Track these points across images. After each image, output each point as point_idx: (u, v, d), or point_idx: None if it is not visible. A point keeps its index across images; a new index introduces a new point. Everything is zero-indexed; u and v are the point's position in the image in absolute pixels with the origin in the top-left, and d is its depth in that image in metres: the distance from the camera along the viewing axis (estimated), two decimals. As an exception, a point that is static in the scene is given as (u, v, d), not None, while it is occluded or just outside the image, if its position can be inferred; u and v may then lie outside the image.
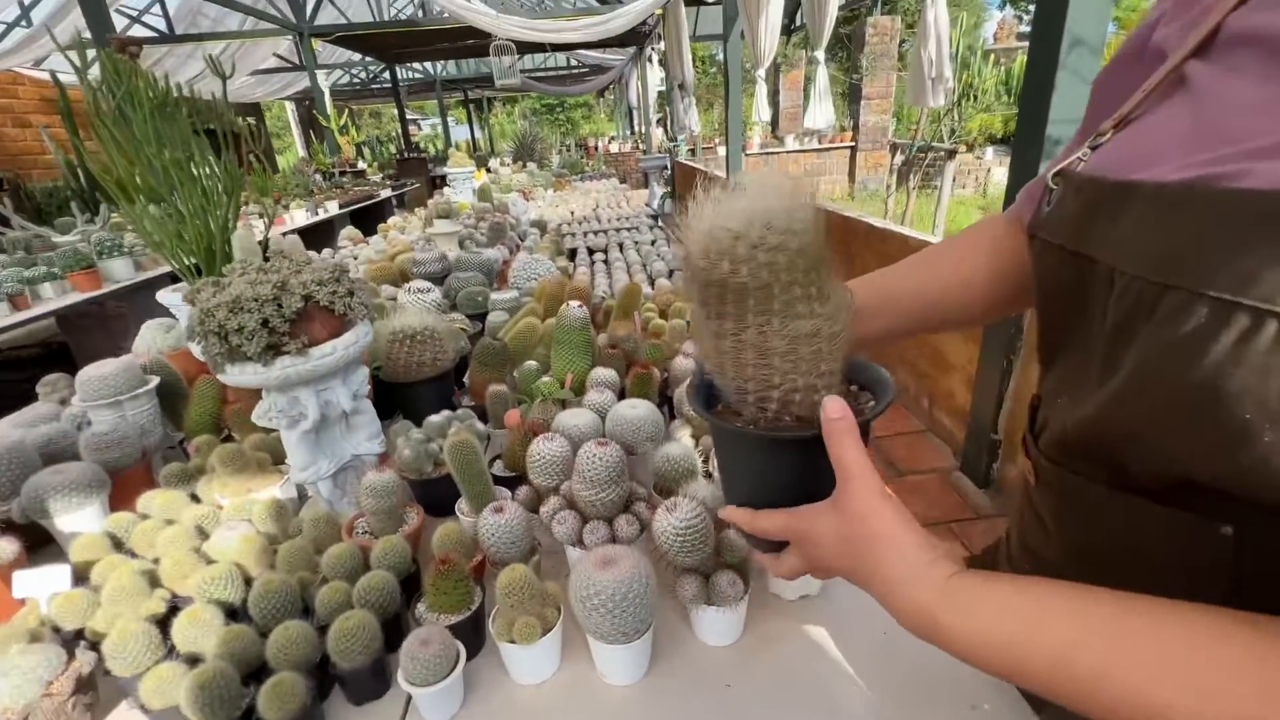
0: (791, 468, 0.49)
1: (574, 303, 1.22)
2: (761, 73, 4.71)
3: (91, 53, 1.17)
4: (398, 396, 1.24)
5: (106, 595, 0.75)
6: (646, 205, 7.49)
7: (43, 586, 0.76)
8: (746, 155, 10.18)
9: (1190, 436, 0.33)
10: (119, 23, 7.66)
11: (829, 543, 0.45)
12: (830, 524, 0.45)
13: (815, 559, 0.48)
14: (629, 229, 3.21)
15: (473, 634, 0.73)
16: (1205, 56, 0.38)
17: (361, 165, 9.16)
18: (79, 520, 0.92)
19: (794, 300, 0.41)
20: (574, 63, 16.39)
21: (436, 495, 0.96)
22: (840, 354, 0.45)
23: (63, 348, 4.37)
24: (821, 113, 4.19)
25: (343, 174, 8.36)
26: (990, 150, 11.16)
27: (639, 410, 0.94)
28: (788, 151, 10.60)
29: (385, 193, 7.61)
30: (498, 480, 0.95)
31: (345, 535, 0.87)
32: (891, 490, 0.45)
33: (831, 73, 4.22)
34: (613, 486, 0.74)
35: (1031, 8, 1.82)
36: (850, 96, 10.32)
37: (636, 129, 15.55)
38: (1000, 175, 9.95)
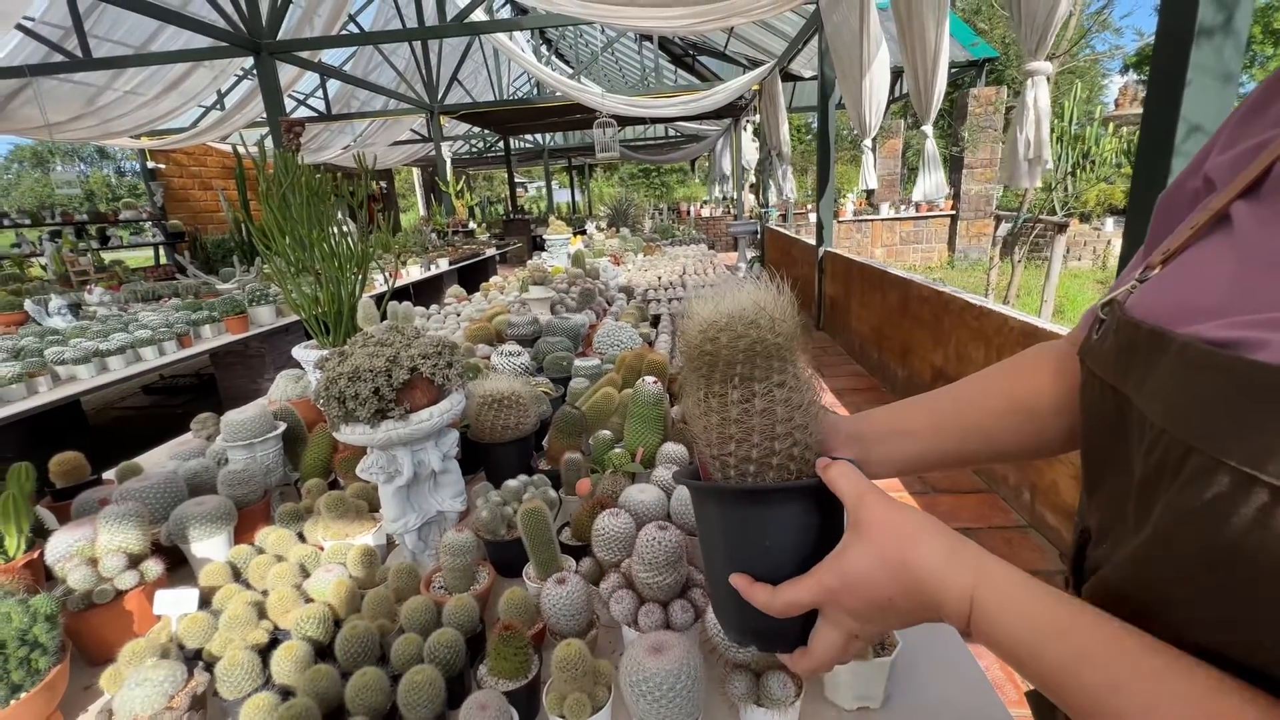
0: (790, 527, 0.48)
1: (650, 378, 1.28)
2: (869, 142, 4.75)
3: (261, 129, 1.42)
4: (481, 455, 1.34)
5: (223, 621, 0.86)
6: (733, 268, 7.60)
7: (176, 606, 0.88)
8: (839, 222, 10.14)
9: (1216, 606, 0.32)
10: (289, 104, 9.04)
11: (867, 575, 0.42)
12: (859, 554, 0.42)
13: (855, 610, 0.43)
14: (713, 297, 3.28)
15: (527, 701, 0.76)
16: (1253, 198, 0.38)
17: (472, 225, 10.01)
18: (209, 548, 1.06)
19: (751, 379, 0.46)
20: (671, 132, 17.28)
21: (507, 556, 1.01)
22: (801, 439, 0.48)
23: (211, 379, 5.01)
24: (932, 183, 4.14)
25: (455, 233, 9.17)
26: (1110, 221, 10.43)
27: (703, 492, 0.96)
28: (882, 219, 10.45)
29: (490, 251, 8.25)
30: (565, 548, 1.00)
31: (423, 588, 0.94)
32: None
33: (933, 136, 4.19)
34: (670, 571, 0.77)
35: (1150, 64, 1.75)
36: (951, 165, 10.10)
37: (728, 195, 15.97)
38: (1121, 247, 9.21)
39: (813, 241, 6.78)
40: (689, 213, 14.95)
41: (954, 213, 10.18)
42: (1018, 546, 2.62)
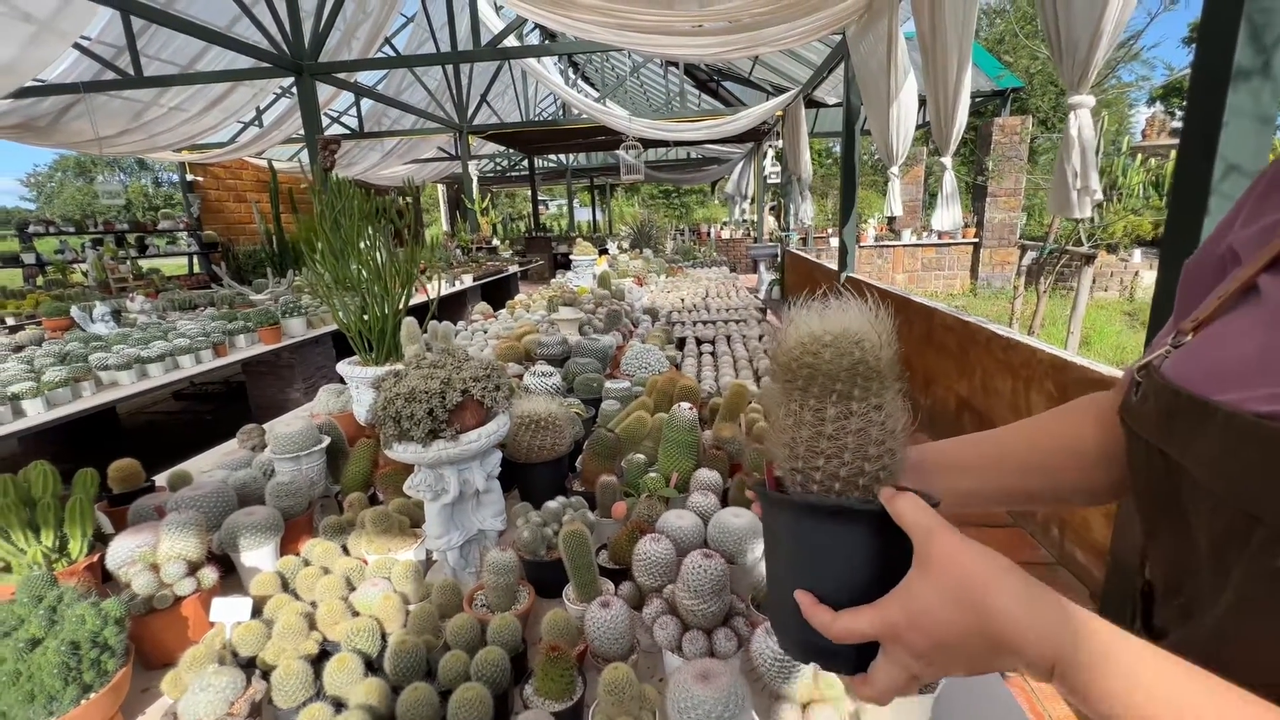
0: (865, 548, 0.47)
1: (684, 404, 1.30)
2: (896, 169, 4.78)
3: (296, 145, 1.48)
4: (516, 475, 1.36)
5: (276, 631, 0.89)
6: (754, 291, 7.62)
7: (231, 614, 0.91)
8: (860, 247, 10.14)
9: None
10: (324, 121, 9.33)
11: (936, 615, 0.40)
12: (928, 593, 0.41)
13: (920, 650, 0.42)
14: (737, 321, 3.30)
15: (571, 723, 0.78)
16: (1278, 270, 0.40)
17: (495, 242, 10.19)
18: (258, 557, 1.10)
19: (850, 398, 0.47)
20: (692, 154, 17.49)
21: (547, 577, 1.03)
22: (889, 463, 0.48)
23: (238, 387, 5.12)
24: (949, 215, 4.15)
25: (479, 249, 9.34)
26: (1138, 252, 10.29)
27: (742, 520, 0.98)
28: (904, 245, 10.43)
29: (513, 268, 8.37)
30: (603, 571, 1.02)
31: (466, 605, 0.96)
32: None
33: (953, 167, 4.21)
34: (715, 599, 0.78)
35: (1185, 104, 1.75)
36: (974, 194, 10.08)
37: (748, 217, 16.07)
38: (1149, 278, 9.10)
39: (834, 266, 6.79)
40: (709, 234, 15.06)
41: (977, 240, 10.14)
42: (1046, 584, 2.57)
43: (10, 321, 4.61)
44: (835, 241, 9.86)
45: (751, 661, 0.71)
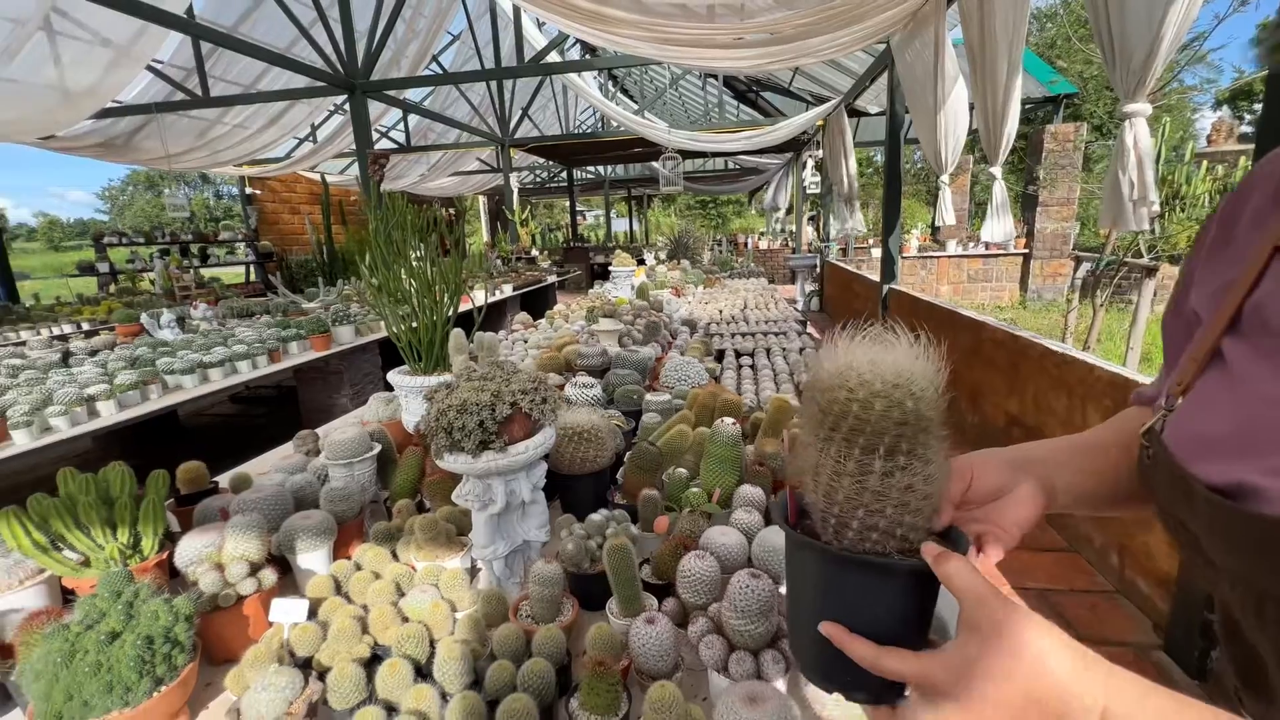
0: (894, 597, 0.47)
1: (728, 419, 1.30)
2: (945, 178, 4.67)
3: (347, 159, 1.53)
4: (559, 486, 1.38)
5: (331, 634, 0.92)
6: (792, 302, 7.53)
7: (289, 615, 0.95)
8: (903, 258, 9.92)
9: None
10: (373, 136, 9.70)
11: (986, 682, 0.40)
12: (979, 659, 0.41)
13: (961, 708, 0.41)
14: (777, 333, 3.27)
15: (616, 739, 0.77)
16: (1236, 334, 0.44)
17: (534, 253, 10.36)
18: (313, 560, 1.14)
19: (898, 452, 0.44)
20: (730, 164, 17.46)
21: (590, 590, 1.04)
22: (928, 513, 0.47)
23: (289, 391, 5.32)
24: (1000, 227, 4.02)
25: (518, 260, 9.51)
26: (1202, 263, 9.75)
27: (787, 539, 0.96)
28: (949, 256, 10.15)
29: (551, 278, 8.50)
30: (646, 586, 1.02)
31: (512, 615, 0.97)
32: None
33: (1002, 176, 4.09)
34: (762, 620, 0.77)
35: (1256, 106, 1.66)
36: (1024, 203, 9.75)
37: (786, 227, 15.92)
38: (1216, 292, 8.60)
39: (875, 277, 6.66)
40: (746, 245, 14.98)
41: (1027, 251, 9.79)
42: (1104, 613, 2.44)
43: (86, 326, 4.92)
44: (876, 252, 9.67)
45: (801, 687, 0.70)
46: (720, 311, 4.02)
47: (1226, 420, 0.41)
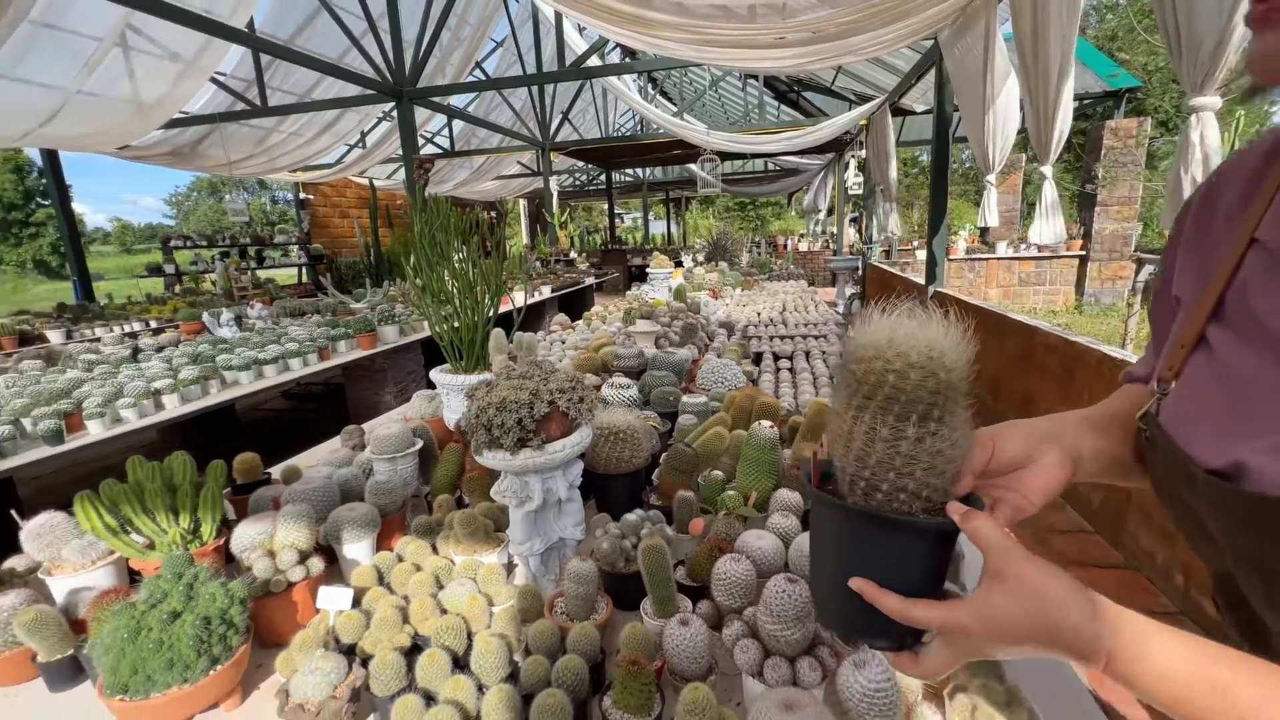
0: (917, 554, 0.51)
1: (765, 422, 1.28)
2: (992, 178, 4.51)
3: (394, 164, 1.58)
4: (594, 485, 1.39)
5: (374, 622, 0.95)
6: (833, 305, 7.39)
7: (335, 603, 0.98)
8: (950, 260, 9.62)
9: None
10: (419, 141, 9.99)
11: (1009, 623, 0.45)
12: (1003, 604, 0.45)
13: (983, 648, 0.46)
14: (816, 336, 3.21)
15: (649, 740, 0.77)
16: (1220, 321, 0.46)
17: (573, 255, 10.47)
18: (357, 550, 1.18)
19: (929, 419, 0.47)
20: (770, 166, 17.27)
21: (624, 589, 1.04)
22: (949, 477, 0.50)
23: (338, 388, 5.51)
24: (1049, 229, 3.85)
25: (557, 262, 9.63)
26: (1279, 265, 9.12)
27: (825, 545, 0.94)
28: (999, 258, 9.78)
29: (589, 280, 8.57)
30: (681, 588, 1.01)
31: (547, 612, 0.99)
32: None
33: (1054, 177, 3.91)
34: (799, 626, 0.76)
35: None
36: (1081, 203, 9.32)
37: (827, 229, 15.63)
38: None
39: (920, 279, 6.47)
40: (786, 247, 14.77)
41: (1084, 253, 9.34)
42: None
43: (154, 324, 5.22)
44: (921, 254, 9.39)
45: (838, 694, 0.68)
46: (758, 314, 3.97)
47: (1218, 404, 0.44)
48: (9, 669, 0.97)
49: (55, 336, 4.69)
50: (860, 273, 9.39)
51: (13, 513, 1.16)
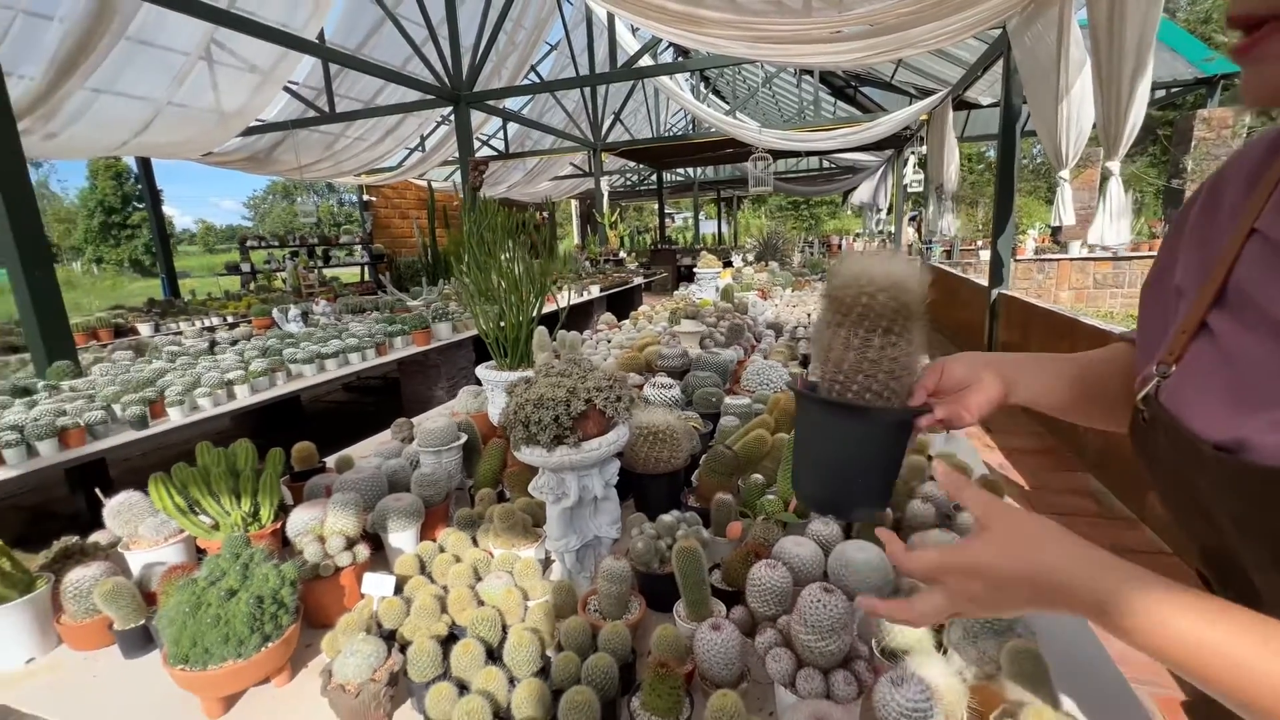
0: (880, 441, 0.64)
1: (808, 425, 1.24)
2: (1065, 173, 4.25)
3: (451, 167, 1.62)
4: (632, 485, 1.38)
5: (414, 610, 0.97)
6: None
7: (378, 589, 1.02)
8: (1017, 261, 9.14)
9: None
10: (475, 144, 10.28)
11: (994, 567, 0.48)
12: (987, 551, 0.49)
13: (974, 593, 0.49)
14: (867, 338, 3.11)
15: (676, 743, 0.76)
16: (1222, 308, 0.48)
17: (622, 254, 10.53)
18: (402, 539, 1.22)
19: (891, 332, 0.60)
20: (825, 164, 16.86)
21: (658, 591, 1.03)
22: (907, 382, 0.64)
23: (395, 383, 5.72)
24: (1113, 230, 3.60)
25: (606, 261, 9.71)
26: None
27: (867, 555, 0.91)
28: (1072, 259, 9.21)
29: (637, 279, 8.60)
30: (715, 592, 1.00)
31: (580, 608, 0.99)
32: None
33: (1137, 170, 3.64)
34: (834, 637, 0.73)
35: None
36: (1165, 199, 8.66)
37: (884, 228, 15.12)
38: None
39: (983, 281, 6.17)
40: (840, 246, 14.40)
41: (1167, 253, 8.68)
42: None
43: (230, 319, 5.57)
44: (986, 254, 8.95)
45: (874, 712, 0.66)
46: (809, 315, 3.88)
47: (1220, 385, 0.46)
48: (89, 635, 1.05)
49: (145, 329, 5.08)
50: (918, 274, 9.04)
51: (98, 491, 1.26)
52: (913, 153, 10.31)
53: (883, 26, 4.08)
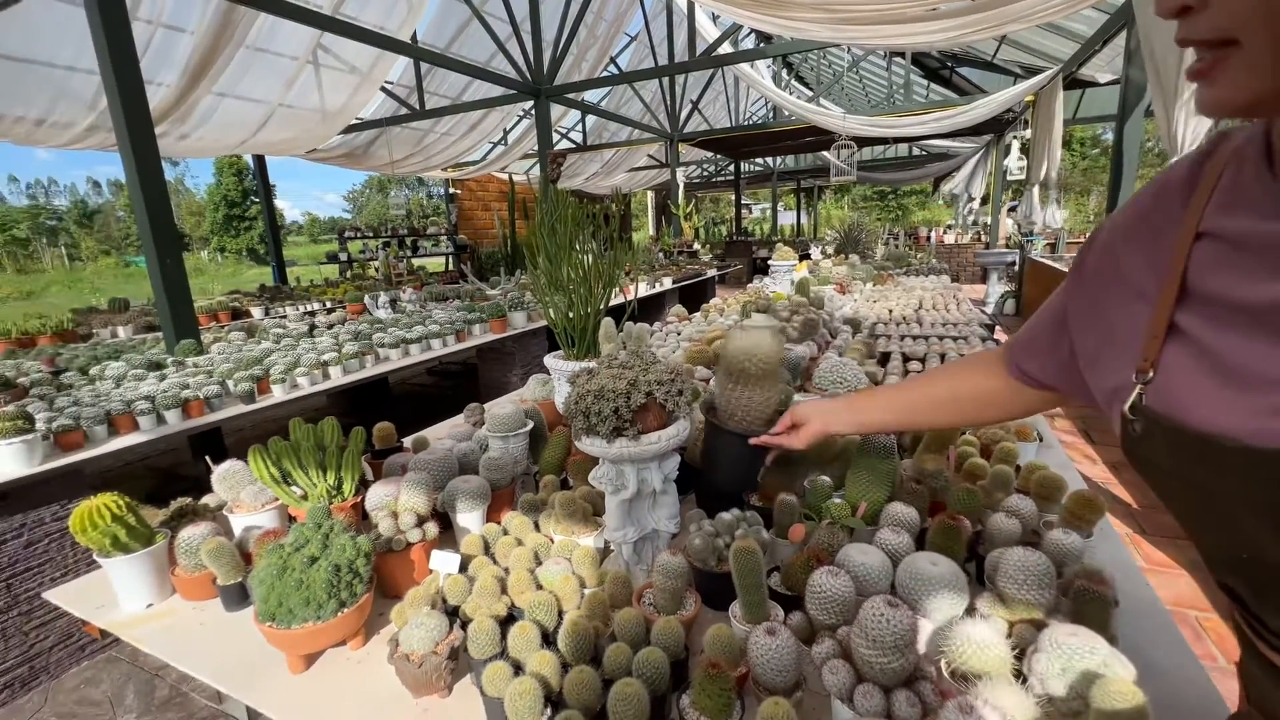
0: (742, 449, 1.11)
1: (881, 428, 1.18)
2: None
3: (531, 160, 1.65)
4: (694, 479, 1.37)
5: (476, 589, 1.01)
6: (980, 304, 6.64)
7: (445, 566, 1.07)
8: (1131, 255, 8.26)
9: None
10: (554, 137, 10.49)
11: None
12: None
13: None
14: (955, 338, 2.91)
15: (725, 747, 0.75)
16: (1187, 308, 0.50)
17: (696, 246, 10.44)
18: (469, 520, 1.26)
19: (752, 385, 1.09)
20: (915, 150, 15.92)
21: (714, 589, 1.02)
22: (767, 416, 1.13)
23: (473, 369, 5.97)
24: None
25: (680, 253, 9.66)
26: None
27: (940, 569, 0.85)
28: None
29: (711, 271, 8.50)
30: (774, 595, 0.97)
31: (635, 601, 0.99)
32: None
33: None
34: (897, 654, 0.69)
35: None
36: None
37: (979, 219, 14.11)
38: None
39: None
40: (929, 238, 13.57)
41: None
42: None
43: (328, 305, 6.01)
44: (1095, 248, 8.14)
45: (937, 739, 0.61)
46: (890, 311, 3.69)
47: (1205, 381, 0.47)
48: (197, 587, 1.16)
49: (256, 313, 5.57)
50: (1017, 268, 8.38)
51: (207, 458, 1.40)
52: (1015, 137, 9.53)
53: (984, 2, 3.78)
